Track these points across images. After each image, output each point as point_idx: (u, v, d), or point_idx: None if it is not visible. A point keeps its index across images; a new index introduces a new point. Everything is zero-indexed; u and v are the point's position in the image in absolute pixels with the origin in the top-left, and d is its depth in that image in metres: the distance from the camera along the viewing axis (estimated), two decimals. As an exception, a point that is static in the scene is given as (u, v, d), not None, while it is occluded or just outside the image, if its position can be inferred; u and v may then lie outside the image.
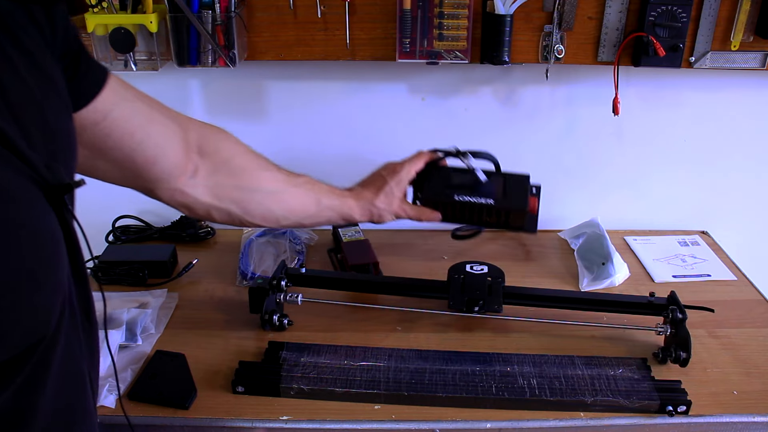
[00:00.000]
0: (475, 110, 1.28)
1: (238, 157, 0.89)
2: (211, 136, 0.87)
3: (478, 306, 0.99)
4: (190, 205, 0.86)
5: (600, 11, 1.13)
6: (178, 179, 0.82)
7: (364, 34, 1.15)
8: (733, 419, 0.85)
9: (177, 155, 0.81)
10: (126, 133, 0.73)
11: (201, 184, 0.85)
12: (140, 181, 0.80)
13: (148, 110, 0.76)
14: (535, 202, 1.08)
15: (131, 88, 0.74)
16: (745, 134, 1.30)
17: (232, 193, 0.88)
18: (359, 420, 0.84)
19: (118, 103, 0.70)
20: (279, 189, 0.92)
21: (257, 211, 0.90)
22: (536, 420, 0.84)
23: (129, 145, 0.74)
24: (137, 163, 0.76)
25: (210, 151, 0.85)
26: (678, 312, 0.93)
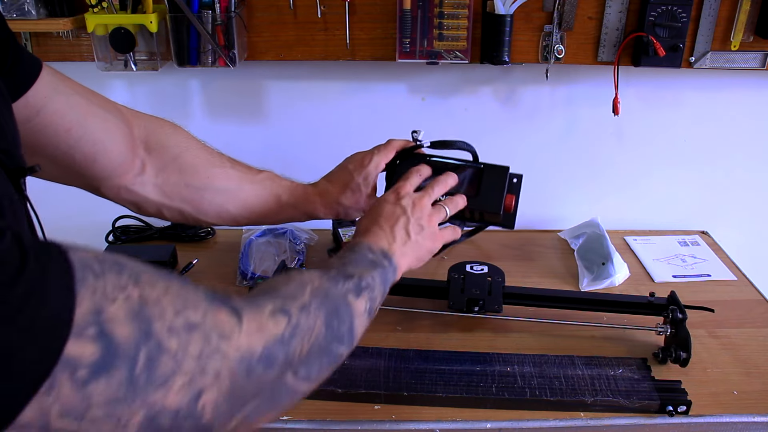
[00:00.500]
0: (475, 110, 1.28)
1: (188, 153, 0.84)
2: (158, 130, 0.82)
3: (478, 306, 0.99)
4: (138, 203, 0.82)
5: (600, 11, 1.13)
6: (123, 176, 0.78)
7: (364, 34, 1.15)
8: (733, 419, 0.85)
9: (120, 151, 0.76)
10: (62, 129, 0.69)
11: (149, 181, 0.81)
12: (83, 179, 0.76)
13: (86, 104, 0.72)
14: (512, 200, 0.96)
15: (68, 81, 0.71)
16: (745, 134, 1.30)
17: (183, 191, 0.83)
18: (359, 420, 0.84)
19: (51, 97, 0.67)
20: (233, 187, 0.86)
21: (211, 209, 0.86)
22: (536, 420, 0.84)
23: (66, 141, 0.70)
24: (76, 160, 0.72)
25: (158, 146, 0.81)
26: (678, 312, 0.92)
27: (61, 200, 0.94)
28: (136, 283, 0.40)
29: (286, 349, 0.49)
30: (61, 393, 0.34)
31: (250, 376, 0.45)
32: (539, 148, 1.31)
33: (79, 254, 0.38)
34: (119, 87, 1.24)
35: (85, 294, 0.36)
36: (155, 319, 0.39)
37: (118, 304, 0.38)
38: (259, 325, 0.47)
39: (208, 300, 0.44)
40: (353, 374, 0.89)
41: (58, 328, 0.35)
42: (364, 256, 0.70)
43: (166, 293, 0.41)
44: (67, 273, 0.36)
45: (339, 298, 0.60)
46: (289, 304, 0.52)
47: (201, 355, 0.41)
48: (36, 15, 1.08)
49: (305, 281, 0.57)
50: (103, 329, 0.36)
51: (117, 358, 0.37)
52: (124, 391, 0.37)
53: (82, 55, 1.17)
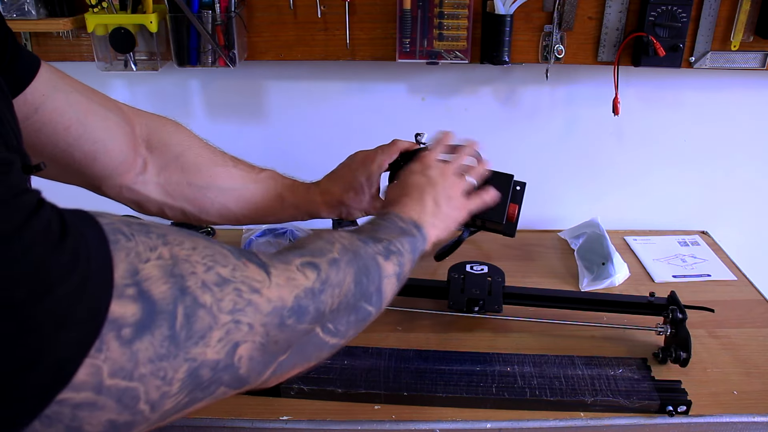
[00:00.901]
0: (475, 110, 1.28)
1: (190, 152, 0.82)
2: (160, 128, 0.81)
3: (478, 306, 0.99)
4: (140, 202, 0.81)
5: (600, 11, 1.13)
6: (124, 175, 0.77)
7: (364, 34, 1.15)
8: (733, 419, 0.85)
9: (121, 150, 0.75)
10: (61, 126, 0.68)
11: (151, 180, 0.80)
12: (83, 177, 0.74)
13: (86, 102, 0.70)
14: (515, 209, 0.95)
15: (68, 79, 0.70)
16: (745, 134, 1.30)
17: (185, 190, 0.82)
18: (359, 420, 0.84)
19: (50, 94, 0.66)
20: (235, 186, 0.85)
21: (213, 209, 0.84)
22: (536, 420, 0.84)
23: (65, 139, 0.69)
24: (76, 159, 0.71)
25: (159, 144, 0.80)
26: (678, 312, 0.92)
27: (60, 200, 0.94)
28: (165, 242, 0.41)
29: (316, 301, 0.49)
30: (110, 352, 0.36)
31: (282, 327, 0.46)
32: (539, 148, 1.31)
33: (106, 219, 0.39)
34: (119, 87, 1.24)
35: (121, 256, 0.38)
36: (188, 276, 0.40)
37: (151, 264, 0.39)
38: (289, 278, 0.48)
39: (235, 255, 0.45)
40: (353, 374, 0.89)
41: (102, 290, 0.36)
42: (394, 224, 0.69)
43: (194, 250, 0.42)
44: (102, 237, 0.38)
45: (368, 257, 0.60)
46: (318, 258, 0.52)
47: (234, 308, 0.42)
48: (36, 15, 1.08)
49: (334, 239, 0.58)
50: (141, 288, 0.37)
51: (157, 316, 0.38)
52: (167, 348, 0.38)
53: (82, 55, 1.17)
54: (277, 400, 0.87)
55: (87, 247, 0.36)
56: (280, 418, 0.84)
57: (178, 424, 0.84)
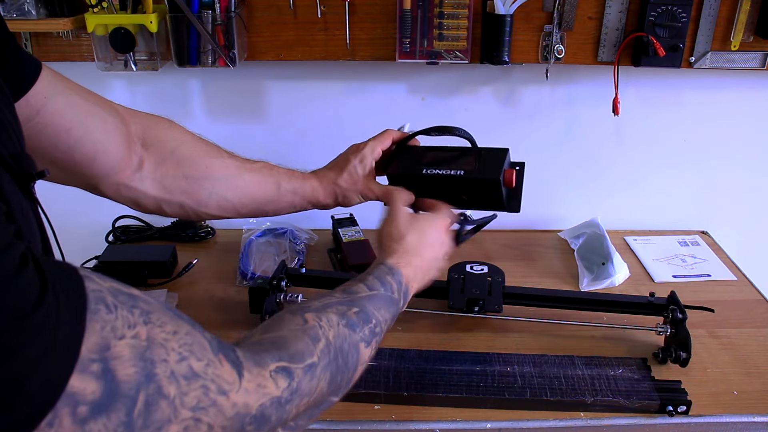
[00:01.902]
0: (475, 110, 1.28)
1: (185, 146, 0.83)
2: (154, 126, 0.82)
3: (478, 306, 0.99)
4: (138, 199, 0.81)
5: (600, 11, 1.13)
6: (121, 174, 0.78)
7: (364, 34, 1.15)
8: (733, 419, 0.85)
9: (118, 149, 0.76)
10: (62, 128, 0.69)
11: (147, 177, 0.80)
12: (82, 178, 0.75)
13: (85, 104, 0.72)
14: (512, 174, 0.90)
15: (67, 81, 0.71)
16: (745, 134, 1.30)
17: (181, 183, 0.82)
18: (359, 420, 0.84)
19: (51, 97, 0.67)
20: (231, 174, 0.86)
21: (211, 200, 0.84)
22: (536, 420, 0.84)
23: (66, 141, 0.69)
24: (76, 160, 0.72)
25: (154, 141, 0.81)
26: (678, 312, 0.92)
27: (61, 201, 0.94)
28: (147, 321, 0.40)
29: (280, 411, 0.49)
30: (62, 429, 0.34)
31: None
32: (539, 148, 1.31)
33: (93, 285, 0.39)
34: (119, 87, 1.24)
35: (95, 328, 0.37)
36: (158, 363, 0.40)
37: (125, 342, 0.38)
38: (259, 384, 0.48)
39: (213, 349, 0.45)
40: (353, 374, 0.89)
41: (64, 362, 0.35)
42: (392, 290, 0.73)
43: (174, 335, 0.42)
44: (81, 304, 0.37)
45: (352, 347, 0.61)
46: (295, 364, 0.52)
47: (197, 405, 0.41)
48: (36, 15, 1.08)
49: (319, 336, 0.58)
50: (107, 367, 0.37)
51: (117, 399, 0.37)
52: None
53: (82, 55, 1.17)
54: (277, 400, 0.87)
55: (58, 314, 0.35)
56: (280, 418, 0.84)
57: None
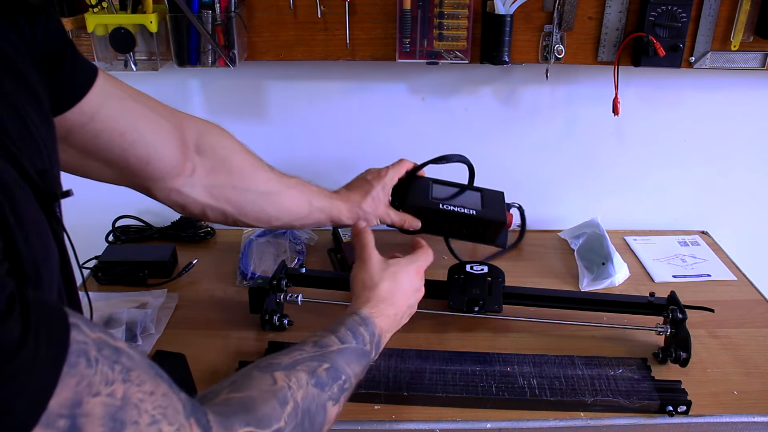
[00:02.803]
0: (475, 110, 1.28)
1: (236, 156, 0.87)
2: (208, 133, 0.84)
3: (478, 306, 0.99)
4: (186, 205, 0.84)
5: (600, 11, 1.13)
6: (175, 179, 0.80)
7: (364, 34, 1.15)
8: (733, 419, 0.85)
9: (173, 154, 0.78)
10: (116, 133, 0.70)
11: (198, 183, 0.83)
12: (136, 180, 0.77)
13: (140, 109, 0.73)
14: (511, 217, 1.09)
15: (123, 86, 0.72)
16: (745, 134, 1.30)
17: (229, 193, 0.86)
18: (359, 420, 0.84)
19: (105, 103, 0.68)
20: (274, 190, 0.90)
21: (251, 211, 0.88)
22: (536, 420, 0.84)
23: (120, 145, 0.71)
24: (130, 163, 0.74)
25: (207, 149, 0.83)
26: (678, 312, 0.93)
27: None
28: (126, 379, 0.40)
29: None
30: None
31: None
32: (539, 148, 1.31)
33: (80, 335, 0.38)
34: (119, 87, 1.24)
35: (70, 383, 0.36)
36: (129, 425, 0.39)
37: (99, 400, 0.38)
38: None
39: (186, 412, 0.45)
40: (353, 374, 0.89)
41: (29, 414, 0.34)
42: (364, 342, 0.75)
43: (150, 396, 0.42)
44: (60, 356, 0.36)
45: (320, 407, 0.62)
46: (261, 429, 0.53)
47: None
48: (36, 15, 1.08)
49: (287, 398, 0.58)
50: (75, 424, 0.36)
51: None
52: None
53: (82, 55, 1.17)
54: (277, 400, 0.87)
55: (34, 364, 0.35)
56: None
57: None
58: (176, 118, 0.80)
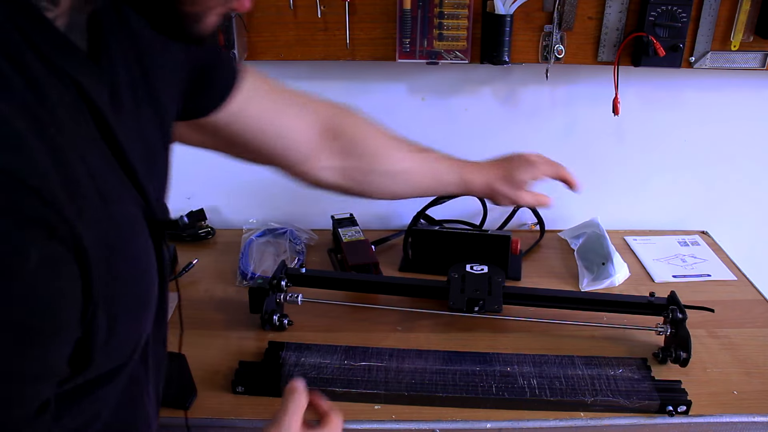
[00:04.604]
0: (475, 110, 1.28)
1: (368, 139, 0.89)
2: (341, 117, 0.88)
3: (478, 306, 0.99)
4: (318, 184, 0.88)
5: (600, 11, 1.13)
6: (308, 163, 0.84)
7: (364, 34, 1.15)
8: (733, 419, 0.85)
9: (308, 142, 0.83)
10: (257, 129, 0.76)
11: (330, 167, 0.87)
12: (273, 164, 0.83)
13: (279, 104, 0.79)
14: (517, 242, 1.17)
15: (264, 83, 0.77)
16: (745, 134, 1.30)
17: (357, 175, 0.89)
18: (359, 420, 0.84)
19: (249, 103, 0.74)
20: (405, 169, 0.92)
21: (378, 190, 0.92)
22: (536, 420, 0.84)
23: (261, 138, 0.77)
24: (269, 153, 0.80)
25: (340, 133, 0.86)
26: (678, 312, 0.92)
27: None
28: None
29: None
30: None
31: None
32: (539, 148, 1.30)
33: None
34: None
35: None
36: None
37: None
38: None
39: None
40: (353, 374, 0.89)
41: None
42: None
43: None
44: None
45: None
46: None
47: None
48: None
49: None
50: None
51: None
52: None
53: (82, 55, 1.17)
54: (277, 400, 0.86)
55: None
56: (280, 418, 0.84)
57: (177, 423, 0.84)
58: (311, 106, 0.85)
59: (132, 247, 0.47)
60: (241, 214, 1.34)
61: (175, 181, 0.72)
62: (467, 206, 1.29)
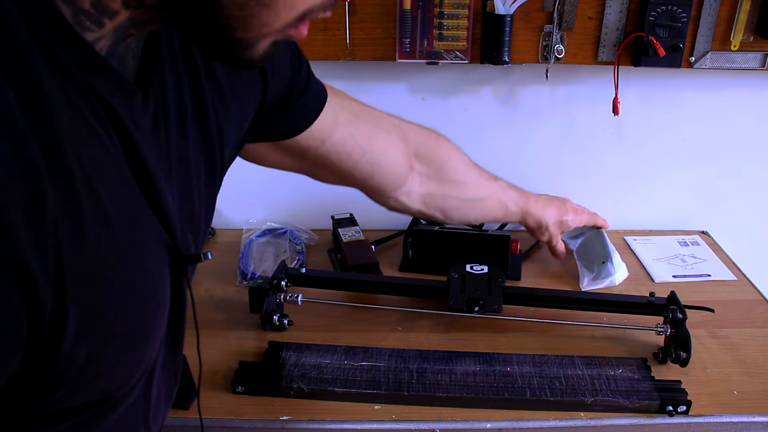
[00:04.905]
0: (475, 110, 1.28)
1: (450, 165, 0.91)
2: (427, 141, 0.88)
3: (478, 306, 0.99)
4: (401, 210, 0.90)
5: (600, 11, 1.13)
6: (396, 190, 0.85)
7: (364, 34, 1.15)
8: (733, 419, 0.85)
9: (396, 167, 0.83)
10: (344, 154, 0.76)
11: (415, 192, 0.88)
12: (359, 187, 0.84)
13: (365, 128, 0.79)
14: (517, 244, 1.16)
15: (351, 106, 0.77)
16: (745, 134, 1.30)
17: (440, 201, 0.91)
18: (359, 420, 0.84)
19: (335, 128, 0.74)
20: (479, 197, 0.95)
21: (456, 216, 0.94)
22: (536, 420, 0.84)
23: (347, 163, 0.77)
24: (356, 177, 0.80)
25: (426, 159, 0.87)
26: (678, 312, 0.92)
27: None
28: None
29: None
30: None
31: None
32: (539, 148, 1.31)
33: None
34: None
35: None
36: None
37: None
38: None
39: None
40: (353, 374, 0.89)
41: None
42: None
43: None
44: None
45: None
46: None
47: None
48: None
49: None
50: None
51: None
52: None
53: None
54: (277, 400, 0.87)
55: None
56: (280, 418, 0.84)
57: (178, 423, 0.84)
58: (399, 130, 0.84)
59: (134, 279, 0.45)
60: (241, 214, 1.34)
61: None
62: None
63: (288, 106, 0.68)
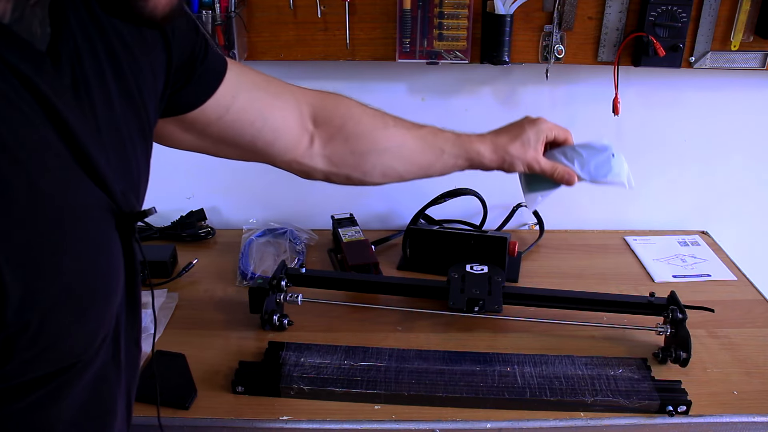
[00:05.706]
0: (475, 110, 1.28)
1: (351, 122, 0.88)
2: (324, 103, 0.87)
3: (478, 306, 0.99)
4: (308, 173, 0.88)
5: (600, 11, 1.13)
6: (295, 151, 0.84)
7: (364, 34, 1.15)
8: (733, 419, 0.85)
9: (294, 132, 0.83)
10: (246, 123, 0.76)
11: (317, 154, 0.86)
12: (261, 158, 0.83)
13: (265, 97, 0.79)
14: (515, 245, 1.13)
15: (250, 74, 0.77)
16: (745, 134, 1.30)
17: (348, 159, 0.88)
18: (359, 420, 0.84)
19: (236, 95, 0.74)
20: (396, 145, 0.89)
21: (376, 171, 0.89)
22: (536, 420, 0.84)
23: (249, 132, 0.77)
24: (257, 146, 0.80)
25: (323, 120, 0.86)
26: (678, 312, 0.92)
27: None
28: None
29: None
30: None
31: None
32: (539, 148, 1.31)
33: None
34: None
35: None
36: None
37: None
38: None
39: None
40: (353, 374, 0.89)
41: None
42: None
43: None
44: None
45: None
46: None
47: None
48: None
49: None
50: None
51: None
52: None
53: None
54: (277, 400, 0.87)
55: None
56: (280, 418, 0.84)
57: (178, 424, 0.84)
58: (296, 96, 0.84)
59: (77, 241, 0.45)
60: (241, 214, 1.34)
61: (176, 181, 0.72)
62: (467, 206, 1.28)
63: (193, 71, 0.68)
